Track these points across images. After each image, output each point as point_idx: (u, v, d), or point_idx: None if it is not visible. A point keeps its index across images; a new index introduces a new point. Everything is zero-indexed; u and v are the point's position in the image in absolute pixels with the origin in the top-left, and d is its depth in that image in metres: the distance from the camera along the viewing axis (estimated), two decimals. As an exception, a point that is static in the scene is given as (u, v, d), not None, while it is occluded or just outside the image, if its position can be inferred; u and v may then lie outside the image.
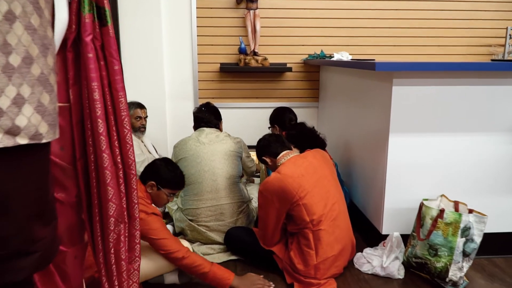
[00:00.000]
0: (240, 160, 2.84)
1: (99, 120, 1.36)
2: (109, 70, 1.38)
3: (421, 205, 2.27)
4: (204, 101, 4.00)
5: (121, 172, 1.46)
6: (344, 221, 2.25)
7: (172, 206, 2.96)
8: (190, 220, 2.68)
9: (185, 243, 2.33)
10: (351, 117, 3.06)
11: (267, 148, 2.36)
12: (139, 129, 3.46)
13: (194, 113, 2.92)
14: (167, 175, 2.22)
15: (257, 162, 4.07)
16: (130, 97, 3.85)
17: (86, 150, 1.41)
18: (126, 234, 1.55)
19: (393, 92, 2.31)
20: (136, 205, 1.55)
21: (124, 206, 1.51)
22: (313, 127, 2.97)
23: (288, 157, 2.28)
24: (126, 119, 1.42)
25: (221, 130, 2.94)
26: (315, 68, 4.04)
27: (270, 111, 4.02)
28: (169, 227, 2.88)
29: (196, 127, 2.91)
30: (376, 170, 2.55)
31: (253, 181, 3.57)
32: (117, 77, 1.38)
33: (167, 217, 3.09)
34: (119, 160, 1.44)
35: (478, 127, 2.38)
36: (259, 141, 2.44)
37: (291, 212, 2.16)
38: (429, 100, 2.33)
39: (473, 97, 2.33)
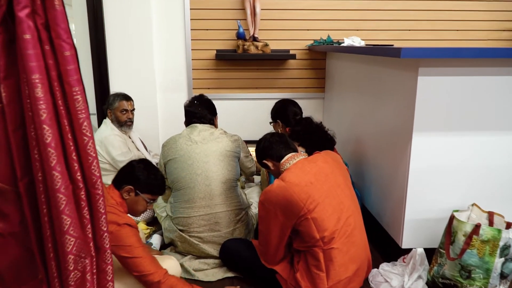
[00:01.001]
0: (238, 161, 2.49)
1: (44, 126, 1.00)
2: (58, 57, 1.02)
3: (452, 218, 1.93)
4: (199, 92, 3.65)
5: (82, 192, 1.11)
6: (360, 236, 1.90)
7: (161, 213, 2.61)
8: (180, 230, 2.34)
9: (172, 260, 2.00)
10: (364, 111, 2.70)
11: (269, 150, 2.01)
12: (126, 124, 3.10)
13: (185, 107, 2.56)
14: (147, 178, 1.93)
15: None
16: (116, 88, 3.50)
17: (32, 167, 1.06)
18: (94, 271, 1.20)
19: (418, 83, 1.95)
20: (106, 233, 1.20)
21: (90, 236, 1.16)
22: (321, 123, 2.61)
23: (294, 161, 1.93)
24: (85, 123, 1.06)
25: (216, 126, 2.59)
26: (321, 55, 3.67)
27: (271, 103, 3.65)
28: (156, 237, 2.54)
29: (187, 123, 2.55)
30: (396, 174, 2.21)
31: (252, 181, 3.22)
32: (70, 66, 1.02)
33: (155, 224, 2.75)
34: (79, 178, 1.09)
35: (517, 125, 2.02)
36: (259, 142, 2.08)
37: (298, 227, 1.82)
38: (461, 93, 1.97)
39: (513, 90, 1.97)
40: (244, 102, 3.75)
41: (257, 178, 3.25)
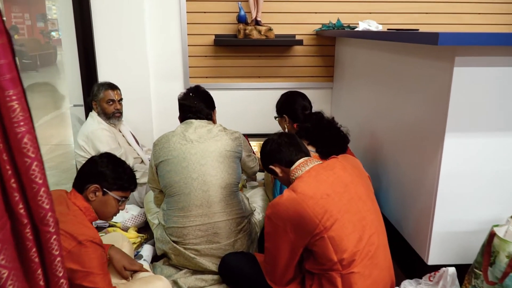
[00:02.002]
0: (239, 162, 2.19)
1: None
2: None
3: (492, 235, 1.64)
4: (196, 81, 3.35)
5: (28, 230, 0.82)
6: (384, 257, 1.62)
7: (153, 220, 2.32)
8: (174, 241, 2.06)
9: (162, 282, 1.72)
10: (382, 105, 2.39)
11: (277, 153, 1.70)
12: (114, 115, 2.81)
13: (179, 100, 2.25)
14: (114, 172, 1.68)
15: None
16: (105, 78, 3.19)
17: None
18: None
19: (454, 75, 1.64)
20: (63, 280, 0.90)
21: (42, 284, 0.87)
22: (333, 118, 2.31)
23: (307, 167, 1.63)
24: (26, 139, 0.76)
25: (214, 122, 2.28)
26: (330, 41, 3.34)
27: (275, 93, 3.34)
28: (148, 247, 2.26)
29: (182, 118, 2.24)
30: (422, 178, 1.91)
31: (255, 179, 2.93)
32: (0, 61, 0.72)
33: (147, 230, 2.47)
34: (22, 212, 0.80)
35: None
36: (265, 144, 1.78)
37: (312, 247, 1.53)
38: (503, 88, 1.67)
39: None
40: (246, 92, 3.44)
41: (259, 175, 2.95)
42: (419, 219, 1.95)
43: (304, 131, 2.24)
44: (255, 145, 3.49)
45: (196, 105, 2.20)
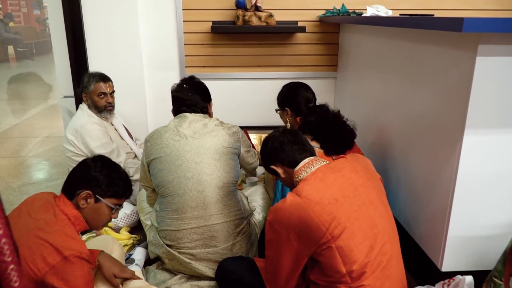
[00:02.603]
0: (237, 159, 2.04)
1: None
2: None
3: (517, 242, 1.48)
4: (192, 70, 3.17)
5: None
6: (397, 267, 1.47)
7: (146, 221, 2.18)
8: (168, 245, 1.91)
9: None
10: (391, 97, 2.23)
11: (279, 152, 1.55)
12: (106, 109, 2.64)
13: (172, 92, 2.09)
14: (108, 177, 1.54)
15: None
16: (95, 67, 3.01)
17: None
18: None
19: (476, 66, 1.47)
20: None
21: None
22: (338, 111, 2.15)
23: (313, 168, 1.47)
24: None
25: (210, 115, 2.12)
26: (334, 28, 3.16)
27: (276, 83, 3.18)
28: (140, 250, 2.11)
29: (175, 111, 2.08)
30: (437, 178, 1.76)
31: (255, 174, 2.77)
32: None
33: (141, 230, 2.32)
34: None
35: None
36: (266, 142, 1.62)
37: (318, 257, 1.39)
38: (530, 78, 1.51)
39: None
40: (245, 83, 3.27)
41: (260, 170, 2.80)
42: (433, 221, 1.80)
43: (307, 125, 2.08)
44: (255, 138, 3.33)
45: (190, 97, 2.03)
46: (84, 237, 2.29)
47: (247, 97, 3.29)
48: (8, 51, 11.60)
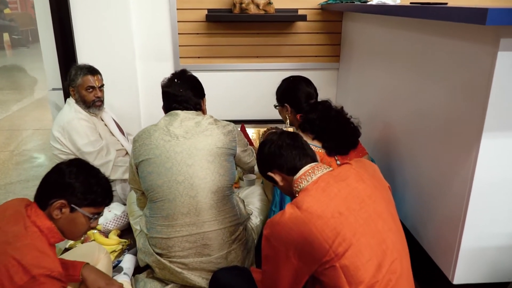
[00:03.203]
0: (233, 160, 1.89)
1: None
2: None
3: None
4: (187, 61, 3.01)
5: None
6: (407, 286, 1.33)
7: (135, 225, 2.04)
8: (158, 253, 1.78)
9: None
10: (400, 92, 2.07)
11: (277, 158, 1.40)
12: (94, 104, 2.49)
13: (162, 88, 1.93)
14: (85, 184, 1.38)
15: (257, 146, 3.12)
16: (84, 58, 2.84)
17: None
18: None
19: (498, 61, 1.32)
20: None
21: None
22: (342, 108, 2.00)
23: (314, 176, 1.32)
24: None
25: (204, 112, 1.96)
26: (337, 16, 2.98)
27: (275, 74, 3.04)
28: (129, 258, 1.98)
29: (166, 108, 1.92)
30: (450, 184, 1.61)
31: (252, 171, 2.62)
32: None
33: (129, 234, 2.18)
34: None
35: None
36: (263, 146, 1.47)
37: (320, 276, 1.25)
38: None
39: None
40: (242, 74, 3.11)
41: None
42: (444, 228, 1.66)
43: (308, 123, 1.94)
44: (254, 133, 3.18)
45: (182, 93, 1.88)
46: (71, 241, 2.17)
47: (245, 89, 3.14)
48: (3, 39, 11.39)
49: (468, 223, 1.53)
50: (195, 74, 2.97)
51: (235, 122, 3.14)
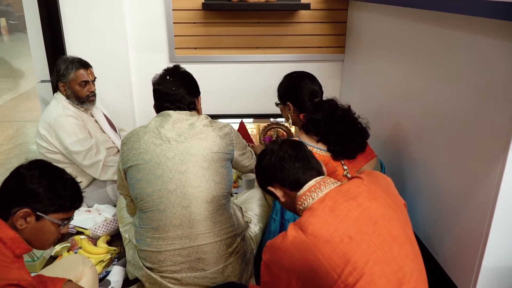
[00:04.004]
0: (230, 165, 1.74)
1: None
2: None
3: None
4: (183, 52, 2.84)
5: None
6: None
7: (125, 233, 1.89)
8: (148, 268, 1.63)
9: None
10: (413, 88, 1.90)
11: (278, 171, 1.24)
12: (88, 99, 2.33)
13: (153, 85, 1.77)
14: (50, 188, 1.24)
15: (257, 143, 2.97)
16: (74, 49, 2.67)
17: None
18: None
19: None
20: None
21: None
22: (349, 107, 1.83)
23: (320, 193, 1.17)
24: None
25: (199, 112, 1.80)
26: (342, 4, 2.79)
27: (276, 66, 2.87)
28: (118, 270, 1.84)
29: (157, 108, 1.76)
30: (471, 196, 1.46)
31: (252, 171, 2.46)
32: None
33: (119, 239, 2.04)
34: None
35: None
36: (262, 156, 1.31)
37: (327, 307, 1.10)
38: None
39: None
40: (241, 66, 2.93)
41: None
42: (464, 244, 1.51)
43: (312, 124, 1.77)
44: (254, 128, 3.02)
45: (174, 91, 1.71)
46: (57, 247, 2.03)
47: (244, 82, 2.96)
48: (0, 24, 11.17)
49: (491, 240, 1.37)
50: (191, 66, 2.80)
51: (234, 116, 3.02)
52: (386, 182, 1.24)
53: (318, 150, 1.74)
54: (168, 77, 1.74)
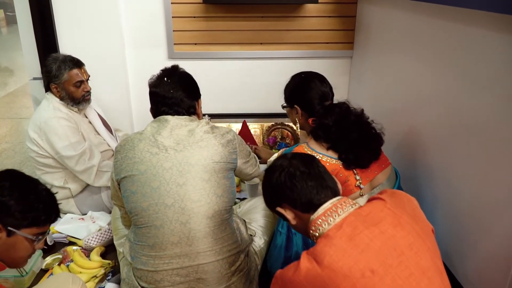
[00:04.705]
0: (233, 174, 1.60)
1: None
2: None
3: None
4: (183, 48, 2.70)
5: None
6: None
7: (119, 247, 1.76)
8: None
9: None
10: (430, 91, 1.76)
11: (288, 190, 1.10)
12: (84, 99, 2.19)
13: (150, 87, 1.62)
14: (22, 200, 1.16)
15: (260, 144, 2.83)
16: (66, 45, 2.52)
17: None
18: None
19: None
20: None
21: None
22: (362, 111, 1.68)
23: (337, 217, 1.03)
24: None
25: (199, 117, 1.66)
26: (351, -3, 2.64)
27: (281, 63, 2.73)
28: (111, 287, 1.70)
29: (154, 112, 1.62)
30: (500, 214, 1.32)
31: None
32: None
33: (114, 250, 1.90)
34: None
35: None
36: (270, 173, 1.16)
37: None
38: None
39: None
40: (244, 63, 2.78)
41: (262, 166, 2.36)
42: (491, 263, 1.38)
43: (322, 130, 1.63)
44: (257, 127, 2.88)
45: (172, 94, 1.57)
46: (49, 259, 1.90)
47: (247, 80, 2.82)
48: (-2, 15, 11.05)
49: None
50: (191, 62, 2.66)
51: (236, 116, 2.87)
52: (412, 205, 1.10)
53: (328, 158, 1.60)
54: (165, 78, 1.60)
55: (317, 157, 1.59)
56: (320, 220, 1.04)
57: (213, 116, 2.76)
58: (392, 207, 1.04)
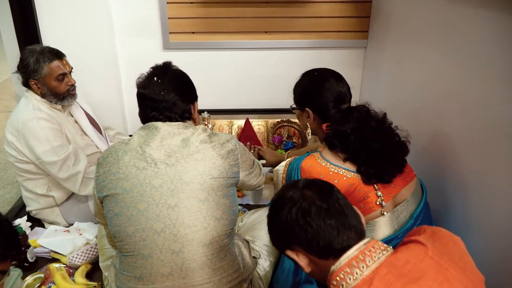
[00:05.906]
0: (235, 190, 1.37)
1: None
2: None
3: None
4: (179, 37, 2.48)
5: None
6: None
7: (104, 270, 1.56)
8: (131, 323, 1.29)
9: None
10: (465, 93, 1.52)
11: (302, 231, 0.87)
12: (69, 93, 1.97)
13: (137, 87, 1.39)
14: None
15: (264, 144, 2.60)
16: (49, 36, 2.29)
17: None
18: None
19: None
20: None
21: None
22: (385, 115, 1.45)
23: (366, 269, 0.80)
24: None
25: (195, 122, 1.42)
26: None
27: (288, 54, 2.53)
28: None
29: (143, 117, 1.39)
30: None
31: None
32: None
33: (100, 269, 1.70)
34: None
35: None
36: (279, 207, 0.93)
37: None
38: None
39: None
40: (247, 53, 2.57)
41: (266, 169, 2.14)
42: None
43: (338, 138, 1.40)
44: (261, 125, 2.65)
45: (164, 97, 1.34)
46: (29, 278, 1.70)
47: (250, 72, 2.61)
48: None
49: None
50: (188, 53, 2.44)
51: (238, 112, 2.64)
52: (460, 250, 0.87)
53: (346, 171, 1.37)
54: (155, 78, 1.36)
55: (332, 170, 1.37)
56: (343, 273, 0.82)
57: (213, 113, 2.53)
58: (435, 256, 0.81)
